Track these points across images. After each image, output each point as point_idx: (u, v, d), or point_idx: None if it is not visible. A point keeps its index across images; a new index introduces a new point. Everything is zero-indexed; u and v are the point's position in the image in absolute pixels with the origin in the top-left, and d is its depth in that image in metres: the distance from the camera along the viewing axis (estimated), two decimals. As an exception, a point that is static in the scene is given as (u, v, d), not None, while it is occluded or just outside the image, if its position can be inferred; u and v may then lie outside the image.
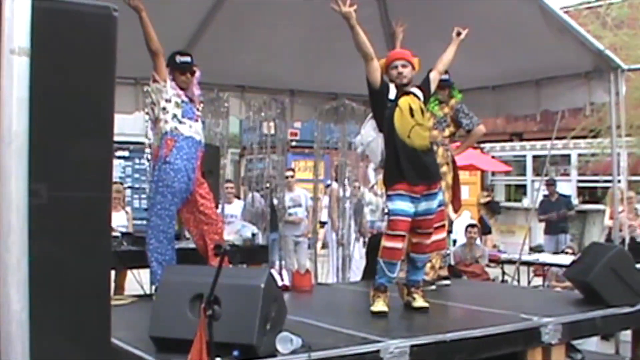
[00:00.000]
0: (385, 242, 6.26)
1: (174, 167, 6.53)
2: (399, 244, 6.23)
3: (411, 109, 6.28)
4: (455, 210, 8.42)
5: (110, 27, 3.22)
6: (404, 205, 6.20)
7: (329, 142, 11.32)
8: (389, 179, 6.42)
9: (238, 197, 12.90)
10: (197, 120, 6.82)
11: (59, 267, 3.07)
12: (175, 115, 6.61)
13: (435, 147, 7.11)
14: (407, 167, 6.23)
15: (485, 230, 19.15)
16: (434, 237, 6.58)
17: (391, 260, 6.26)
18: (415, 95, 6.41)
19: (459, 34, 6.91)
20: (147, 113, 6.97)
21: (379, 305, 6.26)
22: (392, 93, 6.35)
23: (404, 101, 6.31)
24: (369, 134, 8.02)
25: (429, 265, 7.50)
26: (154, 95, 6.66)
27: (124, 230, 8.86)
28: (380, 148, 6.54)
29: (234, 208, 11.53)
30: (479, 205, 19.99)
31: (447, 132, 8.02)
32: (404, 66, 6.38)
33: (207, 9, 8.93)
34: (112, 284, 7.16)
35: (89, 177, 3.21)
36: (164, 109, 6.61)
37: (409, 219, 6.24)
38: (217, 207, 9.06)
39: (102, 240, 3.31)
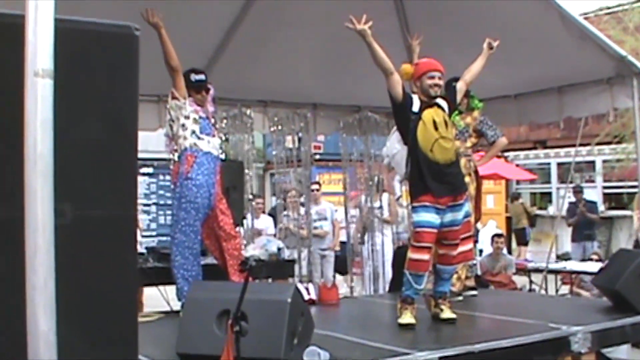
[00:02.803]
0: (411, 254, 6.24)
1: (196, 183, 6.56)
2: (425, 256, 6.20)
3: (435, 122, 6.23)
4: (476, 221, 8.33)
5: (132, 46, 3.24)
6: (429, 217, 6.17)
7: (354, 154, 11.30)
8: (413, 191, 6.38)
9: (264, 212, 12.97)
10: (214, 136, 6.85)
11: (86, 286, 3.08)
12: (194, 132, 6.64)
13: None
14: (431, 180, 6.18)
15: (522, 240, 19.11)
16: (461, 249, 6.54)
17: (417, 272, 6.23)
18: (439, 106, 6.37)
19: (490, 46, 6.89)
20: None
21: (407, 318, 6.24)
22: (416, 105, 6.29)
23: (427, 114, 6.25)
24: (393, 146, 8.02)
25: (455, 276, 7.46)
26: (173, 112, 6.69)
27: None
28: (405, 160, 6.52)
29: (262, 223, 11.55)
30: (526, 215, 19.82)
31: (468, 143, 7.94)
32: (440, 78, 6.33)
33: (227, 25, 8.97)
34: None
35: (114, 196, 3.22)
36: (183, 125, 6.64)
37: (435, 231, 6.21)
38: (242, 222, 9.09)
39: (128, 258, 3.32)
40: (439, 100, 6.40)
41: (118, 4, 6.13)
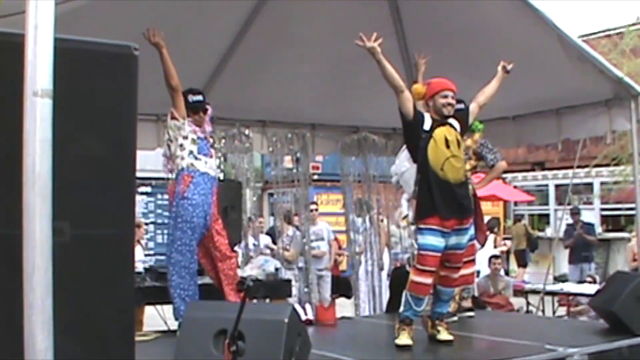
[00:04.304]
0: (413, 277, 6.20)
1: (192, 203, 6.56)
2: (427, 280, 6.17)
3: (447, 140, 6.17)
4: (481, 244, 8.23)
5: (131, 66, 3.26)
6: (434, 240, 6.11)
7: (350, 175, 11.27)
8: (421, 212, 6.28)
9: (261, 232, 12.97)
10: (211, 157, 6.84)
11: (83, 305, 3.08)
12: (191, 152, 6.64)
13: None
14: (440, 200, 6.11)
15: (522, 262, 19.04)
16: (463, 272, 6.53)
17: (418, 294, 6.20)
18: (451, 125, 6.33)
19: (506, 70, 6.86)
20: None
21: (404, 339, 6.22)
22: (427, 124, 6.23)
23: (439, 132, 6.20)
24: (402, 165, 7.97)
25: (449, 296, 7.45)
26: (171, 132, 6.69)
27: (140, 264, 8.84)
28: (414, 179, 6.47)
29: (260, 242, 11.54)
30: (525, 236, 19.73)
31: (467, 166, 7.86)
32: (452, 98, 6.28)
33: (227, 45, 8.98)
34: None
35: (112, 215, 3.23)
36: (181, 145, 6.64)
37: (439, 254, 6.15)
38: (239, 242, 9.07)
39: (125, 277, 3.32)
40: (451, 120, 6.35)
41: (120, 24, 6.15)
